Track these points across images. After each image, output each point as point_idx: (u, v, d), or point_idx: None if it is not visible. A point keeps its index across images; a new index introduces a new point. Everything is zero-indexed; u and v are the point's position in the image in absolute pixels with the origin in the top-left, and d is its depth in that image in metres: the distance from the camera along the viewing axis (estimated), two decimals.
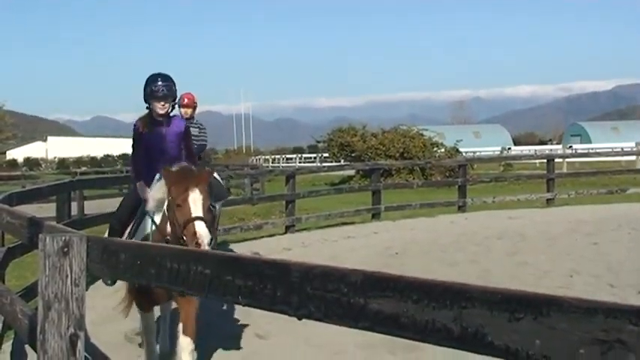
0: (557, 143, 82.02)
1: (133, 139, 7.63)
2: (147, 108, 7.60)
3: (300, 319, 2.15)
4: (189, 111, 10.67)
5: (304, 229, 17.59)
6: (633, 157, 24.35)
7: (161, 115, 7.47)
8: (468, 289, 1.73)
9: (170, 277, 2.61)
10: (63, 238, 2.93)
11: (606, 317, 1.50)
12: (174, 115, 7.90)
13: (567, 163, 35.44)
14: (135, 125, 7.60)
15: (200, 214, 6.16)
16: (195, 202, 6.23)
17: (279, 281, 2.18)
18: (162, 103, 7.40)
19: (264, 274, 2.24)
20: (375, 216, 19.33)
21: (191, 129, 8.64)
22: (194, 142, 8.87)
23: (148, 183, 7.18)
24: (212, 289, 2.44)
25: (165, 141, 7.52)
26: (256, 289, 2.25)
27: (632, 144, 39.01)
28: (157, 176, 6.99)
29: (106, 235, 7.31)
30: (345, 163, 35.13)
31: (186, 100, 10.64)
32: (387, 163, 26.39)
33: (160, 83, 7.47)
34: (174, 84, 7.60)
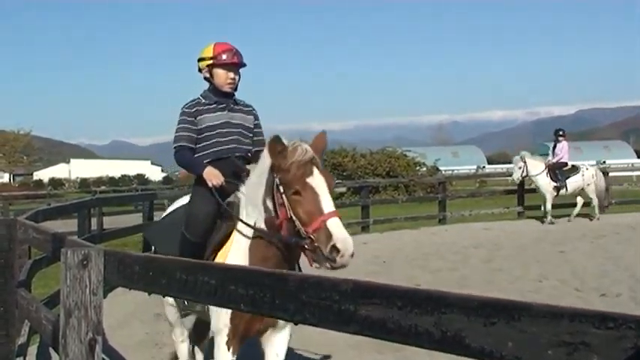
0: None
1: (182, 128, 5.31)
2: (208, 83, 5.42)
3: (296, 324, 2.14)
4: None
5: None
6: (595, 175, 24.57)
7: (226, 94, 5.38)
8: (447, 297, 1.73)
9: (179, 287, 2.61)
10: (82, 251, 2.91)
11: (571, 321, 1.50)
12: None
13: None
14: (187, 108, 5.34)
15: (333, 207, 4.29)
16: (322, 188, 4.35)
17: (277, 290, 2.18)
18: (232, 75, 5.33)
19: (264, 284, 2.23)
20: (365, 228, 19.34)
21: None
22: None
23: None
24: (217, 297, 2.45)
25: (231, 129, 5.37)
26: (257, 298, 2.24)
27: (593, 162, 39.14)
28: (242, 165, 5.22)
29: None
30: (338, 181, 35.11)
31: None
32: (374, 181, 26.44)
33: (229, 47, 5.35)
34: None
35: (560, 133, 20.99)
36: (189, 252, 4.95)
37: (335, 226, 4.20)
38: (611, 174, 24.76)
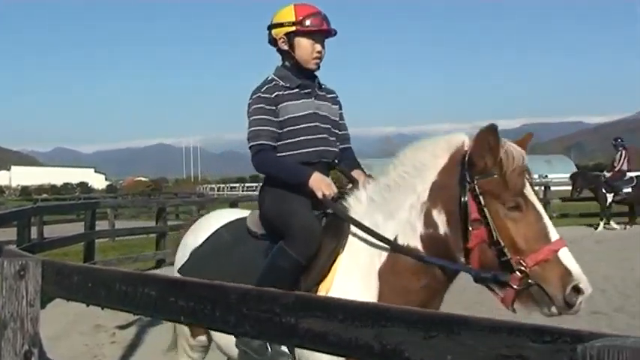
0: None
1: (261, 120, 4.05)
2: (284, 58, 4.22)
3: (237, 336, 2.13)
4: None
5: None
6: (542, 187, 24.84)
7: (310, 74, 4.24)
8: (388, 310, 1.74)
9: (119, 298, 2.57)
10: (20, 262, 2.85)
11: (509, 334, 1.51)
12: None
13: None
14: (264, 92, 4.08)
15: (557, 234, 3.34)
16: (541, 207, 3.43)
17: (218, 302, 2.16)
18: (319, 47, 4.15)
19: (205, 296, 2.21)
20: None
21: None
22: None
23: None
24: (157, 309, 2.42)
25: (319, 124, 4.19)
26: (197, 310, 2.22)
27: (536, 176, 39.85)
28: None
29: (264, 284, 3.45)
30: None
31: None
32: None
33: (315, 10, 4.17)
34: None
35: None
36: (288, 279, 3.71)
37: (570, 259, 3.26)
38: (552, 188, 25.21)
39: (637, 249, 16.15)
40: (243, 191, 69.82)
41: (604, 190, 20.77)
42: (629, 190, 20.63)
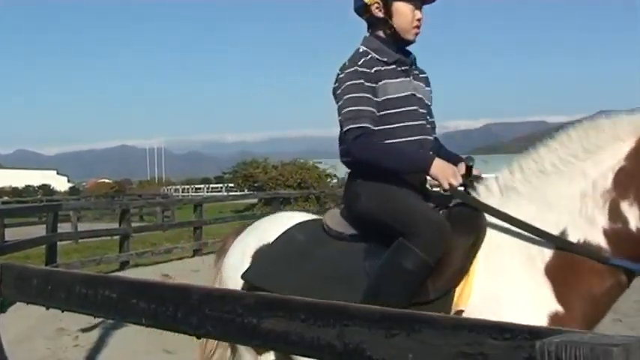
0: None
1: (359, 98, 3.43)
2: (377, 28, 3.62)
3: (199, 338, 2.11)
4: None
5: (211, 252, 17.40)
6: None
7: (409, 42, 3.64)
8: (349, 309, 1.74)
9: (79, 301, 2.54)
10: None
11: (470, 332, 1.52)
12: None
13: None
14: (361, 66, 3.46)
15: None
16: None
17: (180, 303, 2.14)
18: (420, 14, 3.60)
19: (166, 298, 2.19)
20: None
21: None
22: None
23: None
24: (118, 311, 2.39)
25: (417, 108, 3.63)
26: (159, 311, 2.20)
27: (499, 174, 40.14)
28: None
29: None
30: (249, 192, 35.11)
31: None
32: (286, 193, 26.56)
33: None
34: None
35: None
36: (414, 282, 3.21)
37: None
38: None
39: None
40: (208, 192, 69.54)
41: None
42: None
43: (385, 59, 3.53)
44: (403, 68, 3.59)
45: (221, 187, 69.64)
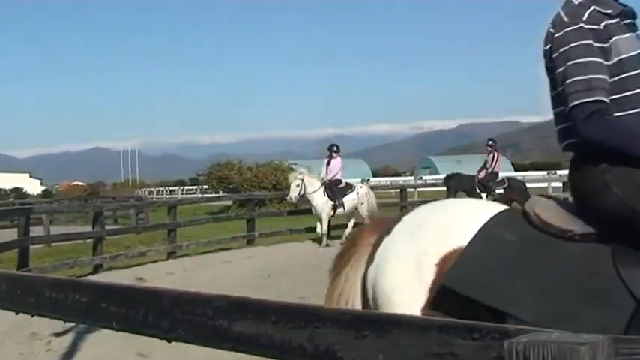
0: (410, 175, 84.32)
1: (588, 64, 2.75)
2: None
3: (169, 341, 2.10)
4: None
5: (185, 255, 17.36)
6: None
7: None
8: (320, 311, 1.74)
9: (49, 305, 2.52)
10: None
11: (439, 332, 1.53)
12: None
13: (419, 192, 36.56)
14: (587, 22, 2.79)
15: None
16: None
17: (151, 307, 2.13)
18: None
19: (137, 301, 2.18)
20: (250, 242, 19.27)
21: None
22: None
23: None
24: (88, 315, 2.37)
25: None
26: (129, 315, 2.19)
27: (473, 174, 40.44)
28: None
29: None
30: (224, 194, 35.05)
31: None
32: (260, 194, 26.55)
33: None
34: None
35: (334, 149, 19.64)
36: None
37: None
38: None
39: None
40: (182, 194, 69.27)
41: (478, 191, 20.76)
42: (502, 191, 20.80)
43: (609, 11, 2.86)
44: (627, 21, 2.92)
45: (196, 189, 69.44)
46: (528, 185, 22.58)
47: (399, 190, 27.05)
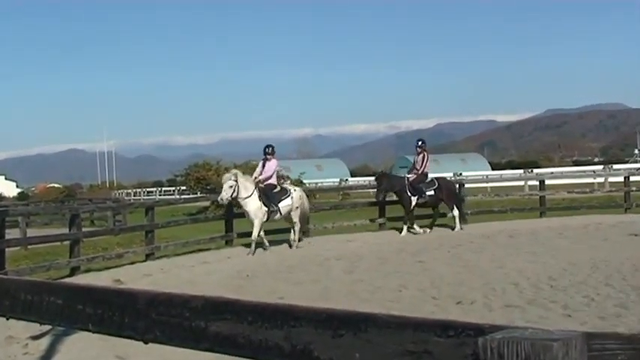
0: None
1: None
2: None
3: (146, 343, 2.09)
4: None
5: (163, 256, 17.28)
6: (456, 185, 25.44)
7: None
8: (296, 310, 1.74)
9: (24, 308, 2.49)
10: None
11: (415, 330, 1.54)
12: None
13: None
14: None
15: None
16: None
17: (127, 308, 2.12)
18: None
19: (113, 303, 2.17)
20: (228, 242, 19.23)
21: None
22: None
23: None
24: (64, 317, 2.35)
25: None
26: (105, 317, 2.17)
27: (451, 173, 40.62)
28: None
29: None
30: (201, 195, 34.93)
31: None
32: None
33: None
34: None
35: (269, 150, 18.99)
36: None
37: None
38: (466, 185, 25.74)
39: (547, 244, 16.69)
40: (160, 195, 68.98)
41: (409, 193, 20.43)
42: (432, 192, 20.60)
43: None
44: None
45: (173, 190, 69.23)
46: (506, 184, 22.66)
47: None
